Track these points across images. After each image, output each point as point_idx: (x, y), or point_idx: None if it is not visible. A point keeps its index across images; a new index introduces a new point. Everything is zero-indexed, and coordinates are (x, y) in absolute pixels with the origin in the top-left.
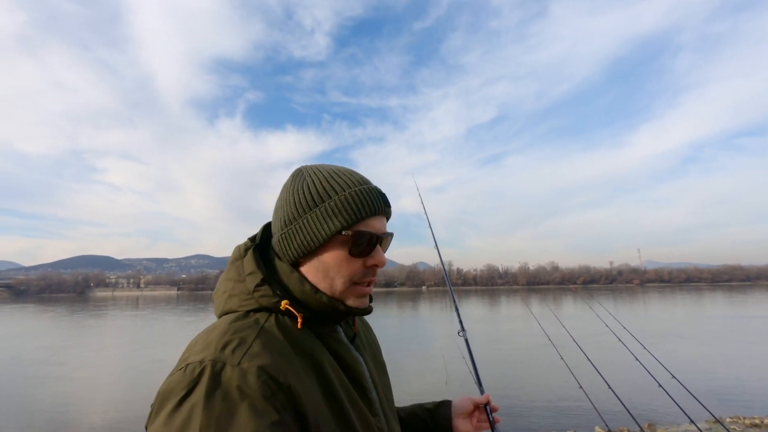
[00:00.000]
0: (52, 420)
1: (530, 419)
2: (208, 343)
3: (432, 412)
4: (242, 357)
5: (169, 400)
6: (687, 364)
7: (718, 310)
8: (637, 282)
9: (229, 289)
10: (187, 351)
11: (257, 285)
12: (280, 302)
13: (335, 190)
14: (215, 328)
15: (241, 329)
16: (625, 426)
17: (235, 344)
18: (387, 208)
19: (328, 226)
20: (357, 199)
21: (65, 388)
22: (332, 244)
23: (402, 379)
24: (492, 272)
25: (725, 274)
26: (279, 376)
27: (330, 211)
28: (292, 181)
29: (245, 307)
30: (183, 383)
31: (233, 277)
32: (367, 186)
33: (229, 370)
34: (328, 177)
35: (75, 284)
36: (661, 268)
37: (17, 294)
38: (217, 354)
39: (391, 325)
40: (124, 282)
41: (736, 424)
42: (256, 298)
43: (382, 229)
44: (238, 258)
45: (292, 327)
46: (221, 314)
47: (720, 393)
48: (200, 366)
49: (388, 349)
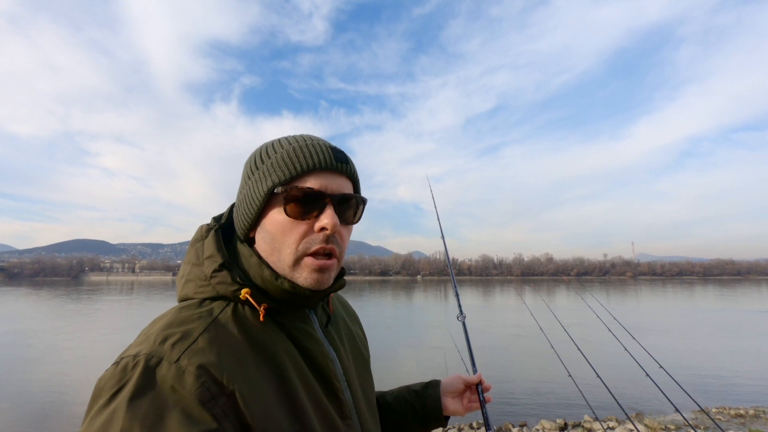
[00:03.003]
0: (33, 403)
1: (520, 407)
2: (149, 335)
3: (420, 394)
4: (182, 353)
5: (97, 398)
6: (675, 355)
7: (707, 303)
8: (630, 275)
9: (186, 274)
10: (125, 350)
11: (215, 270)
12: (240, 290)
13: (275, 150)
14: (161, 317)
15: (188, 320)
16: (613, 415)
17: (176, 337)
18: (340, 163)
19: (262, 187)
20: (293, 154)
21: (61, 369)
22: (270, 208)
23: (398, 367)
24: (487, 263)
25: (717, 269)
26: (223, 378)
27: (266, 170)
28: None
29: (201, 294)
30: (113, 380)
31: (191, 260)
32: (311, 141)
33: (165, 367)
34: (274, 142)
35: (69, 268)
36: (654, 261)
37: (11, 277)
38: (155, 347)
39: (386, 314)
40: (118, 267)
41: (721, 414)
42: (213, 284)
43: (334, 188)
44: (198, 239)
45: (251, 319)
46: (179, 301)
47: (706, 384)
48: (133, 360)
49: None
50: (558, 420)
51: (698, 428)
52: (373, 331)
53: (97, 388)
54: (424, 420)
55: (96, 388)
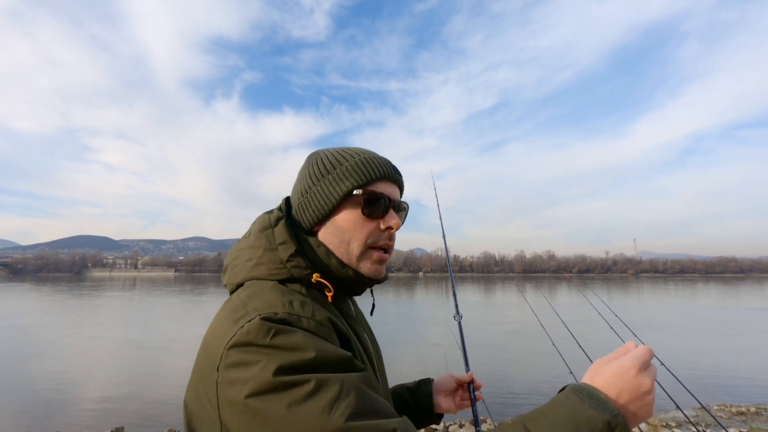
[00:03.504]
0: (36, 397)
1: (522, 404)
2: (270, 303)
3: (412, 391)
4: (312, 311)
5: (251, 344)
6: (676, 352)
7: (709, 301)
8: (632, 272)
9: (256, 257)
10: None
11: (291, 255)
12: (312, 275)
13: (345, 158)
14: (264, 290)
15: (293, 293)
16: None
17: (300, 301)
18: (398, 175)
19: (339, 187)
20: (366, 163)
21: (59, 365)
22: (345, 206)
23: (399, 363)
24: (488, 259)
25: (719, 266)
26: (342, 330)
27: (341, 174)
28: (307, 160)
29: (275, 276)
30: (265, 326)
31: (263, 245)
32: (375, 153)
33: (305, 321)
34: (339, 150)
35: (72, 264)
36: (656, 259)
37: (14, 272)
38: (289, 308)
39: (387, 310)
40: (121, 263)
41: (723, 412)
42: (289, 268)
43: (395, 195)
44: (267, 227)
45: (323, 300)
46: (244, 281)
47: (707, 381)
48: (276, 316)
49: (383, 334)
50: None
51: (699, 425)
52: (374, 327)
53: (245, 341)
54: (417, 416)
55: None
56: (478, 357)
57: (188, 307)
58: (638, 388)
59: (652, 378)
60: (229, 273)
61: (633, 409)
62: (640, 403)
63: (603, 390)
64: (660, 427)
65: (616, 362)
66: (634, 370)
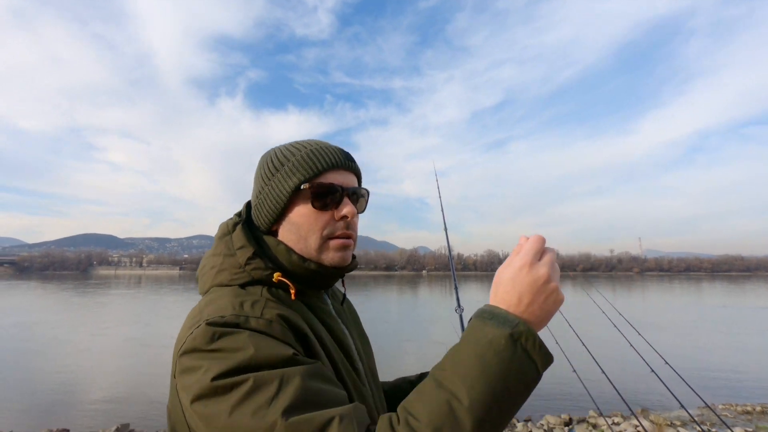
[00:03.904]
0: (45, 393)
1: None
2: (221, 306)
3: (414, 384)
4: (263, 310)
5: (193, 351)
6: (681, 351)
7: (715, 299)
8: (637, 270)
9: (218, 264)
10: (191, 319)
11: (249, 258)
12: (272, 274)
13: (292, 153)
14: (219, 297)
15: (248, 295)
16: (618, 411)
17: (250, 302)
18: (349, 162)
19: (288, 184)
20: (313, 155)
21: (62, 362)
22: (296, 202)
23: (402, 361)
24: (492, 258)
25: (725, 265)
26: (297, 325)
27: (289, 171)
28: (260, 160)
29: (237, 281)
30: (209, 331)
31: (222, 251)
32: (323, 144)
33: (254, 321)
34: (288, 146)
35: (78, 262)
36: (662, 257)
37: (21, 270)
38: (237, 310)
39: (391, 308)
40: (126, 261)
41: (728, 411)
42: (248, 271)
43: (349, 183)
44: (226, 233)
45: (285, 298)
46: (209, 289)
47: (713, 380)
48: (223, 319)
49: (387, 331)
50: (563, 415)
51: (704, 425)
52: (377, 325)
53: (191, 347)
54: None
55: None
56: None
57: (192, 305)
58: (535, 282)
59: (547, 265)
60: (199, 282)
61: (537, 306)
62: (543, 297)
63: (504, 302)
64: (665, 426)
65: (509, 267)
66: (526, 266)
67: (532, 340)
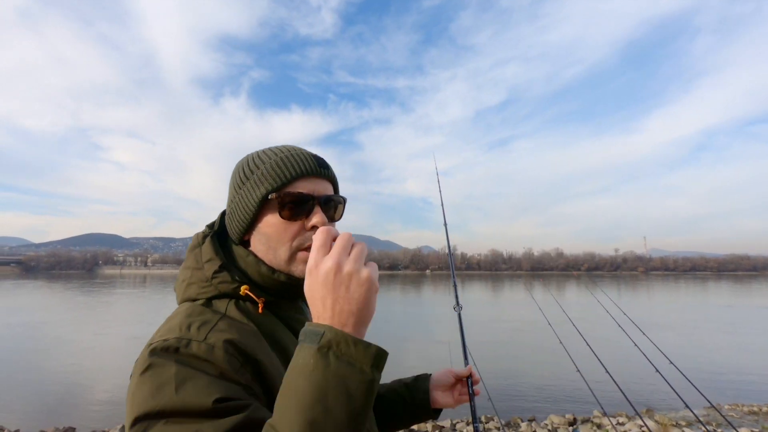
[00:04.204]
0: (51, 392)
1: (528, 401)
2: (171, 328)
3: (410, 387)
4: (208, 333)
5: (134, 375)
6: (686, 351)
7: (720, 299)
8: (642, 270)
9: (187, 278)
10: (153, 335)
11: (215, 272)
12: (239, 288)
13: (262, 161)
14: (175, 315)
15: (203, 312)
16: (623, 411)
17: (198, 323)
18: (322, 169)
19: (255, 194)
20: (282, 163)
21: (65, 361)
22: (265, 212)
23: (405, 360)
24: (496, 257)
25: (731, 264)
26: (246, 350)
27: (257, 181)
28: (234, 168)
29: (204, 295)
30: (148, 360)
31: (191, 265)
32: (295, 151)
33: (195, 345)
34: (260, 153)
35: (84, 261)
36: (667, 256)
37: (27, 270)
38: (182, 333)
39: (394, 309)
40: (131, 260)
41: (734, 411)
42: (215, 284)
43: (320, 191)
44: (196, 246)
45: (253, 311)
46: (181, 302)
47: (719, 381)
48: (164, 344)
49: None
50: (567, 415)
51: (710, 425)
52: (378, 325)
53: (134, 371)
54: (414, 411)
55: (133, 372)
56: (485, 354)
57: None
58: (326, 279)
59: (332, 255)
60: (176, 294)
61: (342, 302)
62: (342, 290)
63: (314, 315)
64: (670, 426)
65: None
66: (313, 268)
67: (344, 344)
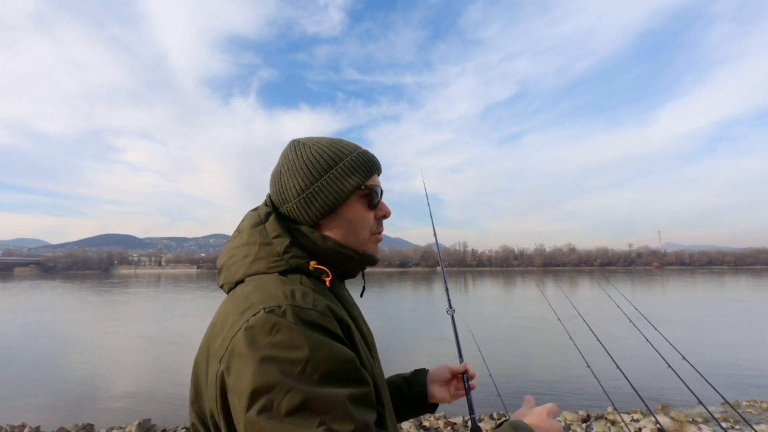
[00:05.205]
0: (67, 388)
1: (540, 398)
2: (273, 293)
3: (408, 380)
4: (314, 301)
5: (258, 338)
6: (700, 347)
7: (738, 293)
8: (656, 265)
9: (253, 253)
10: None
11: (287, 247)
12: (308, 263)
13: (344, 152)
14: (265, 283)
15: (293, 283)
16: (638, 407)
17: (301, 292)
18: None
19: (348, 183)
20: (364, 159)
21: (91, 360)
22: (351, 200)
23: (409, 357)
24: (507, 253)
25: (749, 258)
26: (342, 318)
27: (345, 170)
28: (295, 151)
29: (275, 269)
30: (271, 320)
31: (257, 240)
32: (364, 149)
33: (307, 312)
34: (330, 144)
35: (100, 262)
36: (682, 251)
37: (46, 270)
38: (291, 300)
39: (403, 305)
40: (146, 260)
41: (753, 408)
42: (287, 259)
43: (381, 185)
44: (258, 223)
45: (320, 287)
46: (243, 278)
47: (735, 377)
48: (280, 309)
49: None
50: (580, 411)
51: (727, 421)
52: (384, 321)
53: (248, 335)
54: (411, 405)
55: (246, 336)
56: (494, 351)
57: (208, 302)
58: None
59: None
60: (225, 272)
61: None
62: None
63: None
64: (686, 422)
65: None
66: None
67: None
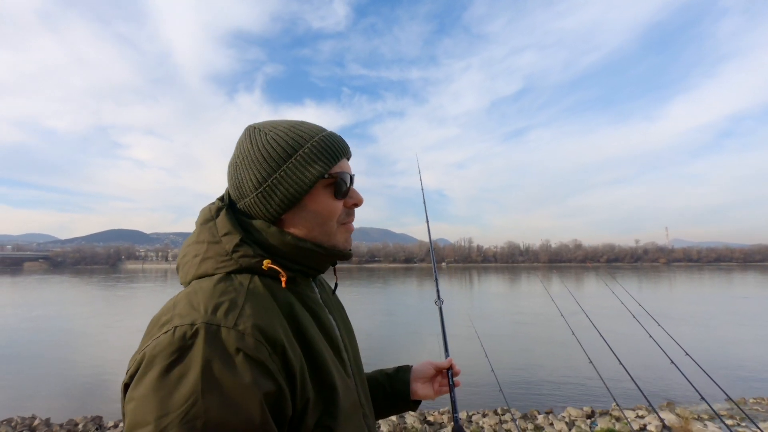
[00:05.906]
0: (69, 380)
1: (545, 394)
2: (195, 306)
3: (390, 377)
4: (237, 319)
5: (155, 363)
6: (705, 344)
7: (746, 290)
8: (663, 261)
9: (201, 252)
10: (165, 314)
11: (236, 245)
12: (262, 262)
13: (305, 138)
14: (197, 291)
15: (228, 291)
16: (642, 404)
17: (226, 306)
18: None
19: (309, 172)
20: (328, 143)
21: (96, 353)
22: (315, 190)
23: (406, 354)
24: (513, 249)
25: (758, 254)
26: (275, 337)
27: (306, 158)
28: (250, 139)
29: (223, 269)
30: (172, 347)
31: (206, 239)
32: (329, 131)
33: (225, 332)
34: (289, 128)
35: (107, 257)
36: (690, 247)
37: (54, 265)
38: (209, 317)
39: (408, 302)
40: (153, 255)
41: (759, 405)
42: (236, 258)
43: (351, 170)
44: (209, 219)
45: (275, 287)
46: (193, 279)
47: (741, 374)
48: (191, 329)
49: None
50: (585, 407)
51: (733, 419)
52: (387, 317)
53: (151, 355)
54: (393, 402)
55: (150, 354)
56: (499, 347)
57: None
58: None
59: None
60: (181, 271)
61: None
62: None
63: None
64: (691, 419)
65: None
66: None
67: None
